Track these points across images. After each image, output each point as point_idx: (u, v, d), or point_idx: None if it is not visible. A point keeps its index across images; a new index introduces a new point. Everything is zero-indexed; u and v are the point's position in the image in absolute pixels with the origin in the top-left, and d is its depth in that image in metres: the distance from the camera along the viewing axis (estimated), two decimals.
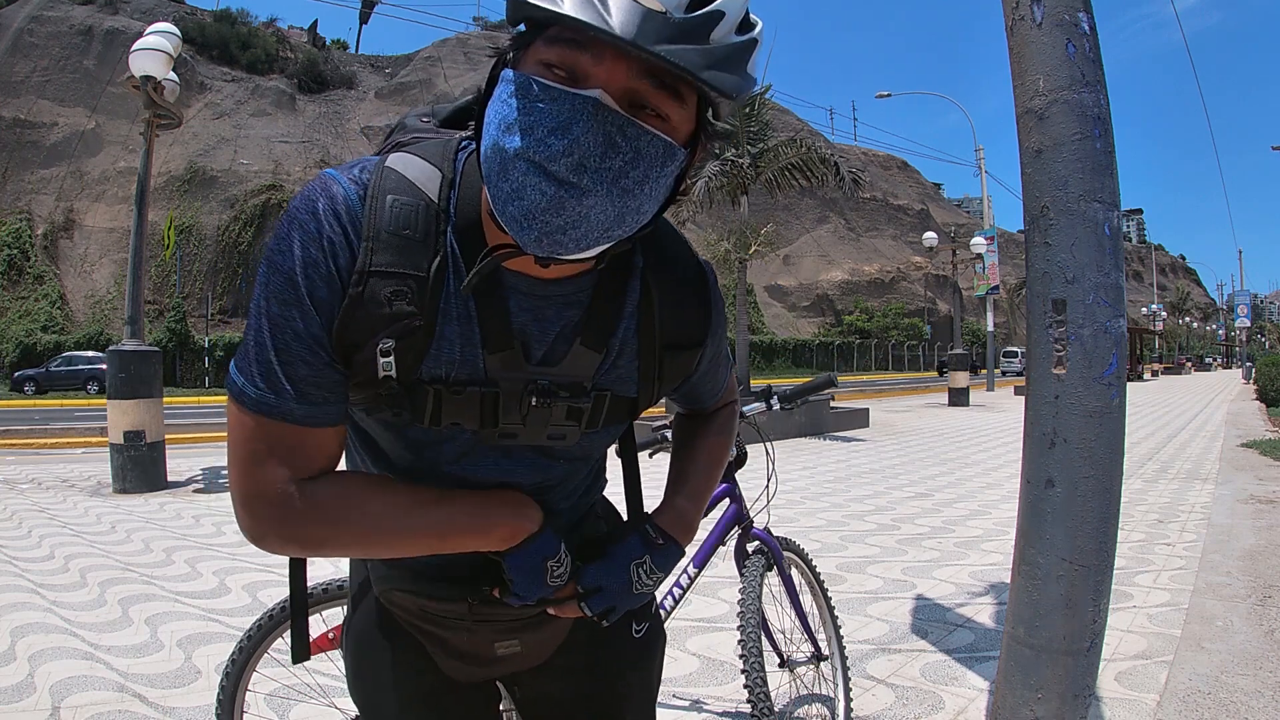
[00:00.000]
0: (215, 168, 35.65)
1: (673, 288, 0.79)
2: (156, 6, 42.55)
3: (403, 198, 0.68)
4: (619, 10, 0.55)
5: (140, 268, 6.05)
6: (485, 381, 0.71)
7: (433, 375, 0.69)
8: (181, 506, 5.30)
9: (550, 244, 0.60)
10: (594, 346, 0.74)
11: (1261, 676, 2.41)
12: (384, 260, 0.66)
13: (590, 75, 0.59)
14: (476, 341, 0.70)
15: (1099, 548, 1.39)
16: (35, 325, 28.32)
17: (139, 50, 5.94)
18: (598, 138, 0.58)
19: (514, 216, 0.60)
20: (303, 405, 0.66)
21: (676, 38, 0.56)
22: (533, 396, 0.72)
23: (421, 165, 0.70)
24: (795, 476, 6.56)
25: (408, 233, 0.67)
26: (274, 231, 0.67)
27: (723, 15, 0.58)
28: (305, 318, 0.65)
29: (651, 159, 0.61)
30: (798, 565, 2.02)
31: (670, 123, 0.61)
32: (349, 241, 0.66)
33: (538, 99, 0.59)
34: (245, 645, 1.47)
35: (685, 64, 0.57)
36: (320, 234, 0.65)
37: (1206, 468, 7.13)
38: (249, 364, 0.66)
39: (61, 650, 2.62)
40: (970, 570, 3.71)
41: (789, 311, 51.57)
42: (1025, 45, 1.44)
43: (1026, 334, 1.51)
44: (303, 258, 0.65)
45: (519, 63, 0.62)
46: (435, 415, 0.70)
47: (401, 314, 0.67)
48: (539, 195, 0.58)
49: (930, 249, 21.31)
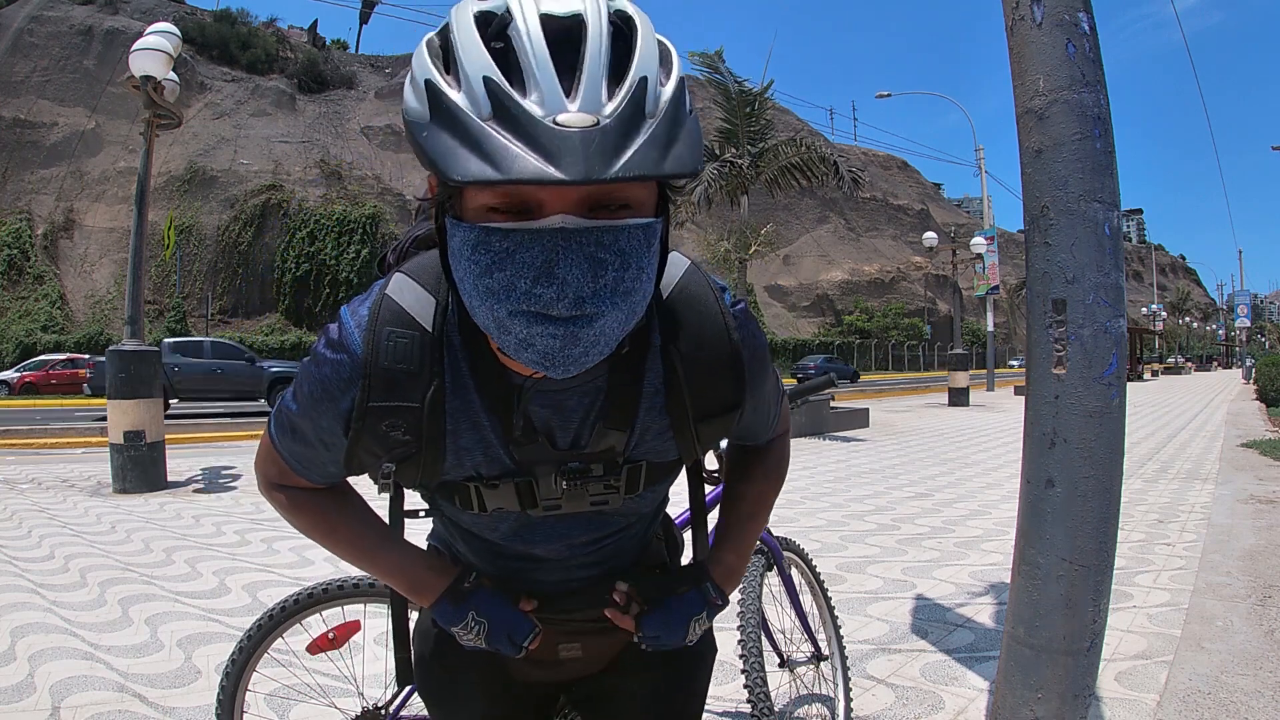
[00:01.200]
0: (215, 168, 35.66)
1: (698, 359, 0.76)
2: (156, 6, 42.54)
3: (398, 330, 0.71)
4: (558, 150, 0.51)
5: (140, 268, 6.05)
6: (518, 473, 0.76)
7: (465, 476, 0.76)
8: (181, 506, 5.29)
9: (577, 367, 0.60)
10: (618, 427, 0.75)
11: (1261, 676, 2.41)
12: (380, 395, 0.71)
13: (544, 203, 0.55)
14: (495, 442, 0.74)
15: (1099, 548, 1.39)
16: (35, 325, 28.32)
17: (139, 50, 5.93)
18: (583, 266, 0.55)
19: (531, 360, 0.60)
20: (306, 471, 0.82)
21: (621, 143, 0.52)
22: (564, 480, 0.75)
23: (417, 292, 0.72)
24: (795, 476, 6.56)
25: (402, 367, 0.71)
26: (309, 355, 0.77)
27: (644, 80, 0.55)
28: (319, 430, 0.76)
29: (637, 250, 0.58)
30: (798, 565, 2.02)
31: (637, 203, 0.58)
32: (352, 387, 0.72)
33: (503, 250, 0.55)
34: (245, 645, 1.47)
35: (645, 171, 0.53)
36: (329, 381, 0.73)
37: (1206, 468, 7.13)
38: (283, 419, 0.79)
39: (61, 650, 2.62)
40: (970, 570, 3.71)
41: (789, 311, 51.58)
42: (1025, 45, 1.44)
43: (1026, 334, 1.51)
44: (316, 395, 0.75)
45: (460, 209, 0.59)
46: (480, 504, 0.77)
47: (398, 443, 0.73)
48: (550, 340, 0.57)
49: (930, 249, 21.30)
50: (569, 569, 0.86)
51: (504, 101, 0.52)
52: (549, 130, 0.51)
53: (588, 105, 0.52)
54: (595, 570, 0.87)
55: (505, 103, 0.52)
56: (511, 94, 0.52)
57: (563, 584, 0.87)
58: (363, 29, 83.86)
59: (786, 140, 12.93)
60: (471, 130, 0.52)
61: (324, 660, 1.60)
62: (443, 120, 0.54)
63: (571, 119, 0.51)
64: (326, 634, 1.44)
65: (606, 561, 0.87)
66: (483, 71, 0.53)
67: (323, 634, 1.45)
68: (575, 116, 0.51)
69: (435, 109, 0.54)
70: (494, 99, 0.52)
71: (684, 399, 0.75)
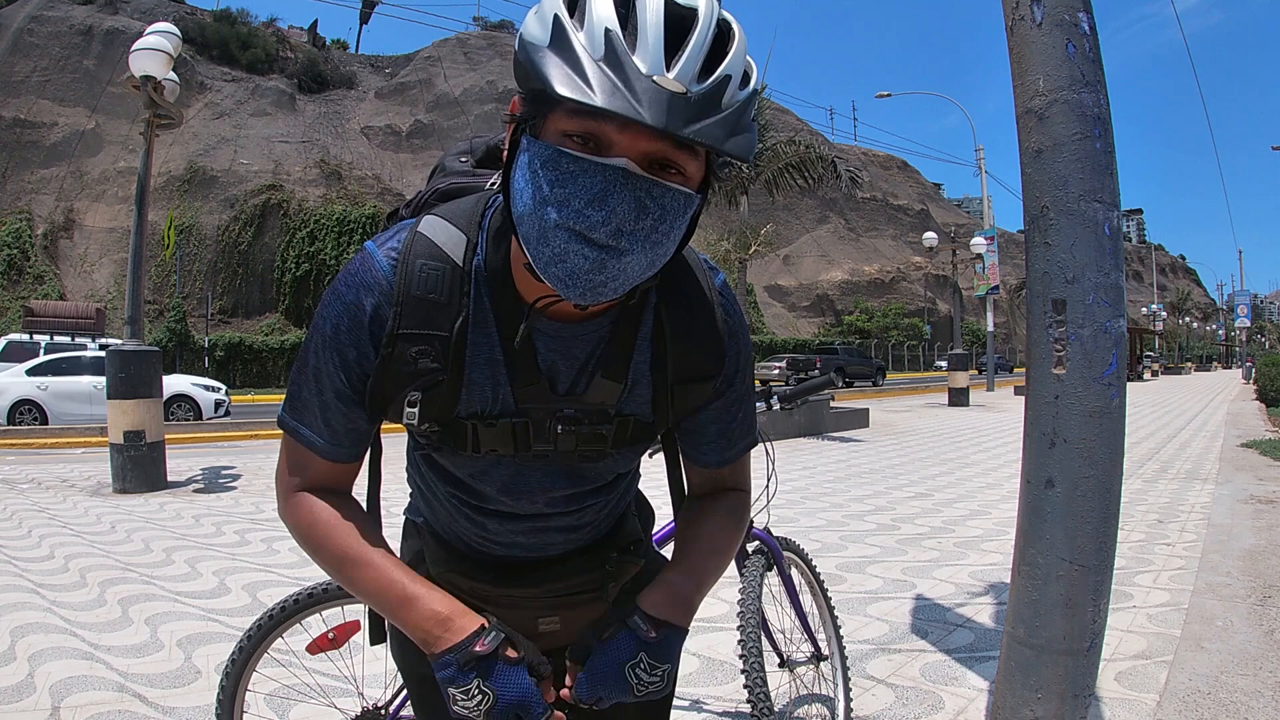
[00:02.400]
0: (215, 168, 35.66)
1: (683, 318, 0.83)
2: (156, 6, 42.55)
3: (430, 262, 0.76)
4: (648, 101, 0.59)
5: (140, 268, 6.05)
6: (516, 413, 0.79)
7: (470, 413, 0.78)
8: (181, 506, 5.29)
9: (593, 296, 0.66)
10: (614, 378, 0.80)
11: (1261, 676, 2.41)
12: (411, 323, 0.75)
13: (614, 143, 0.63)
14: (504, 381, 0.78)
15: (1099, 548, 1.39)
16: None
17: (139, 50, 5.93)
18: (630, 204, 0.63)
19: (558, 277, 0.66)
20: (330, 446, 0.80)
21: (698, 114, 0.61)
22: (559, 425, 0.79)
23: (449, 230, 0.78)
24: (795, 476, 6.56)
25: (433, 296, 0.75)
26: (322, 298, 0.78)
27: (729, 78, 0.64)
28: (339, 376, 0.76)
29: (676, 212, 0.66)
30: (798, 565, 2.02)
31: (687, 174, 0.66)
32: (379, 311, 0.75)
33: (569, 171, 0.63)
34: (245, 645, 1.47)
35: (711, 141, 0.62)
36: (355, 305, 0.75)
37: (1206, 468, 7.13)
38: (297, 404, 0.79)
39: (61, 650, 2.62)
40: (970, 570, 3.71)
41: (789, 311, 51.58)
42: (1025, 45, 1.44)
43: (1026, 334, 1.51)
44: (339, 325, 0.76)
45: (539, 130, 0.66)
46: (475, 444, 0.79)
47: (426, 370, 0.76)
48: (582, 260, 0.64)
49: (930, 249, 21.30)
50: (544, 531, 0.88)
51: (616, 50, 0.61)
52: (647, 83, 0.60)
53: (682, 77, 0.61)
54: (570, 536, 0.90)
55: (617, 52, 0.61)
56: (625, 46, 0.61)
57: (538, 547, 0.89)
58: (363, 29, 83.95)
59: (786, 140, 12.93)
60: (582, 64, 0.60)
61: (324, 660, 1.60)
62: (560, 49, 0.62)
63: (666, 82, 0.61)
64: (326, 634, 1.44)
65: (582, 528, 0.90)
66: (606, 23, 0.61)
67: (323, 634, 1.45)
68: (670, 82, 0.61)
69: (556, 39, 0.62)
70: (608, 46, 0.61)
71: (665, 356, 0.82)
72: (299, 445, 0.80)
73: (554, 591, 0.90)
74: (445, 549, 0.92)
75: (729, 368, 0.86)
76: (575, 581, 0.90)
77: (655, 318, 0.82)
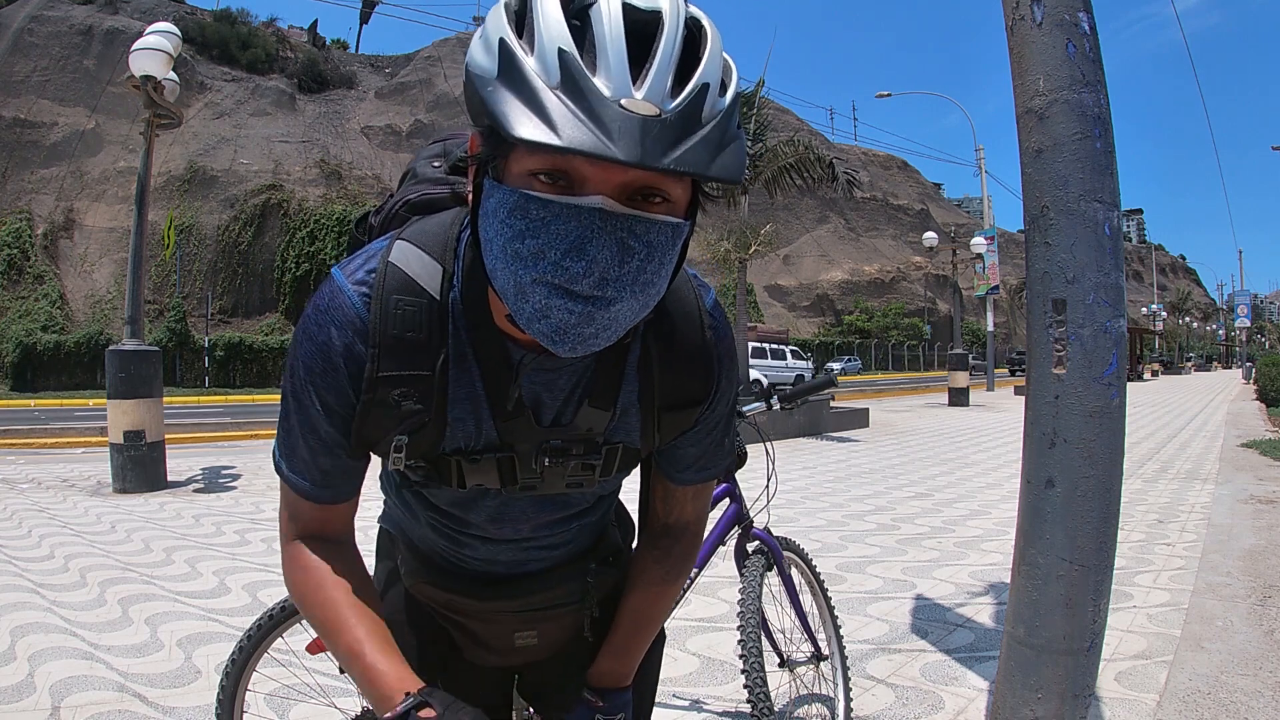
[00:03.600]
0: (215, 168, 35.65)
1: (673, 347, 0.78)
2: (156, 6, 42.53)
3: (406, 298, 0.70)
4: (618, 131, 0.52)
5: (140, 268, 6.05)
6: (500, 448, 0.75)
7: (453, 448, 0.75)
8: (181, 506, 5.29)
9: (584, 348, 0.61)
10: (602, 406, 0.76)
11: (1261, 676, 2.41)
12: (391, 365, 0.70)
13: (587, 179, 0.56)
14: (486, 415, 0.74)
15: (1099, 548, 1.39)
16: (35, 325, 28.29)
17: (139, 50, 5.93)
18: (612, 249, 0.56)
19: (543, 333, 0.60)
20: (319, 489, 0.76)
21: (676, 138, 0.54)
22: (545, 457, 0.76)
23: (422, 260, 0.72)
24: (795, 476, 6.56)
25: (411, 335, 0.70)
26: (295, 335, 0.73)
27: (707, 87, 0.57)
28: (322, 418, 0.72)
29: (664, 246, 0.60)
30: (797, 565, 2.02)
31: (672, 199, 0.60)
32: (354, 350, 0.70)
33: (539, 218, 0.56)
34: (245, 645, 1.47)
35: (696, 169, 0.55)
36: (327, 345, 0.70)
37: (1206, 468, 7.13)
38: (284, 447, 0.76)
39: (61, 650, 2.62)
40: (970, 570, 3.71)
41: (789, 311, 51.57)
42: (1025, 45, 1.44)
43: (1026, 334, 1.51)
44: (312, 367, 0.71)
45: (502, 171, 0.60)
46: (460, 480, 0.76)
47: (410, 412, 0.72)
48: (567, 314, 0.58)
49: (930, 249, 21.30)
50: (526, 549, 0.86)
51: (574, 75, 0.53)
52: (613, 110, 0.52)
53: (652, 96, 0.54)
54: (552, 554, 0.88)
55: (575, 76, 0.53)
56: (583, 69, 0.53)
57: (518, 564, 0.87)
58: (363, 29, 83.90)
59: (786, 140, 12.91)
60: (538, 95, 0.53)
61: (324, 660, 1.60)
62: (510, 80, 0.55)
63: (636, 105, 0.53)
64: None
65: (564, 545, 0.89)
66: (558, 43, 0.54)
67: None
68: (640, 104, 0.53)
69: (505, 68, 0.55)
70: (565, 70, 0.53)
71: (653, 383, 0.77)
72: (289, 489, 0.76)
73: (533, 605, 0.88)
74: (420, 560, 0.90)
75: (714, 392, 0.81)
76: (555, 593, 0.88)
77: (642, 344, 0.77)
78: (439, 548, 0.87)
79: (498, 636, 0.90)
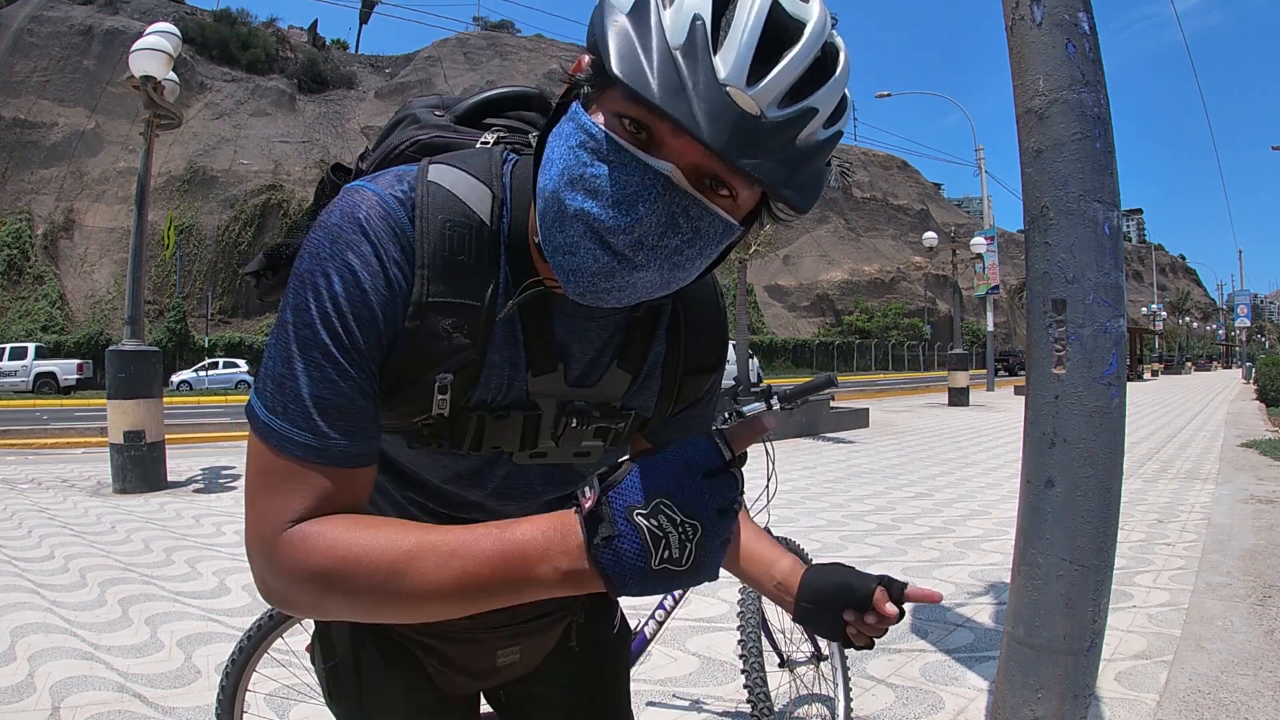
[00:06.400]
0: (215, 168, 35.67)
1: (697, 308, 0.77)
2: (156, 6, 42.55)
3: (454, 218, 0.63)
4: (712, 113, 0.51)
5: (140, 268, 6.04)
6: (528, 405, 0.69)
7: (480, 401, 0.67)
8: (181, 506, 5.29)
9: (592, 299, 0.59)
10: (629, 369, 0.73)
11: (1261, 676, 2.41)
12: (440, 290, 0.62)
13: (665, 144, 0.55)
14: (522, 365, 0.68)
15: (1099, 548, 1.39)
16: (35, 325, 28.32)
17: (139, 50, 5.93)
18: (660, 218, 0.55)
19: (562, 267, 0.58)
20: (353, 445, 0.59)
21: (763, 144, 0.53)
22: (571, 418, 0.71)
23: (470, 182, 0.66)
24: (795, 476, 6.56)
25: (462, 258, 0.63)
26: (307, 250, 0.60)
27: (815, 112, 0.55)
28: (348, 358, 0.58)
29: (709, 238, 0.58)
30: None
31: (737, 200, 0.57)
32: (402, 268, 0.61)
33: (608, 158, 0.55)
34: (245, 645, 1.47)
35: (768, 180, 0.54)
36: (376, 257, 0.59)
37: (1206, 467, 7.13)
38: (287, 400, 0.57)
39: (61, 650, 2.62)
40: (970, 570, 3.71)
41: (789, 311, 51.60)
42: (1025, 45, 1.44)
43: (1026, 334, 1.51)
44: (351, 283, 0.58)
45: (593, 101, 0.57)
46: (476, 441, 0.68)
47: (460, 347, 0.64)
48: (591, 260, 0.57)
49: (930, 249, 21.29)
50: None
51: (696, 44, 0.52)
52: (718, 93, 0.51)
53: (761, 97, 0.53)
54: None
55: (697, 46, 0.52)
56: (708, 43, 0.52)
57: None
58: (363, 29, 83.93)
59: None
60: (656, 48, 0.52)
61: None
62: (638, 23, 0.53)
63: (740, 98, 0.52)
64: None
65: None
66: (697, 9, 0.53)
67: None
68: (745, 98, 0.52)
69: (638, 9, 0.54)
70: (690, 37, 0.52)
71: (681, 345, 0.76)
72: (302, 462, 0.57)
73: (519, 617, 0.83)
74: None
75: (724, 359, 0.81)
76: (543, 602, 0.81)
77: (674, 308, 0.76)
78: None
79: (478, 658, 0.84)
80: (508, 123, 0.81)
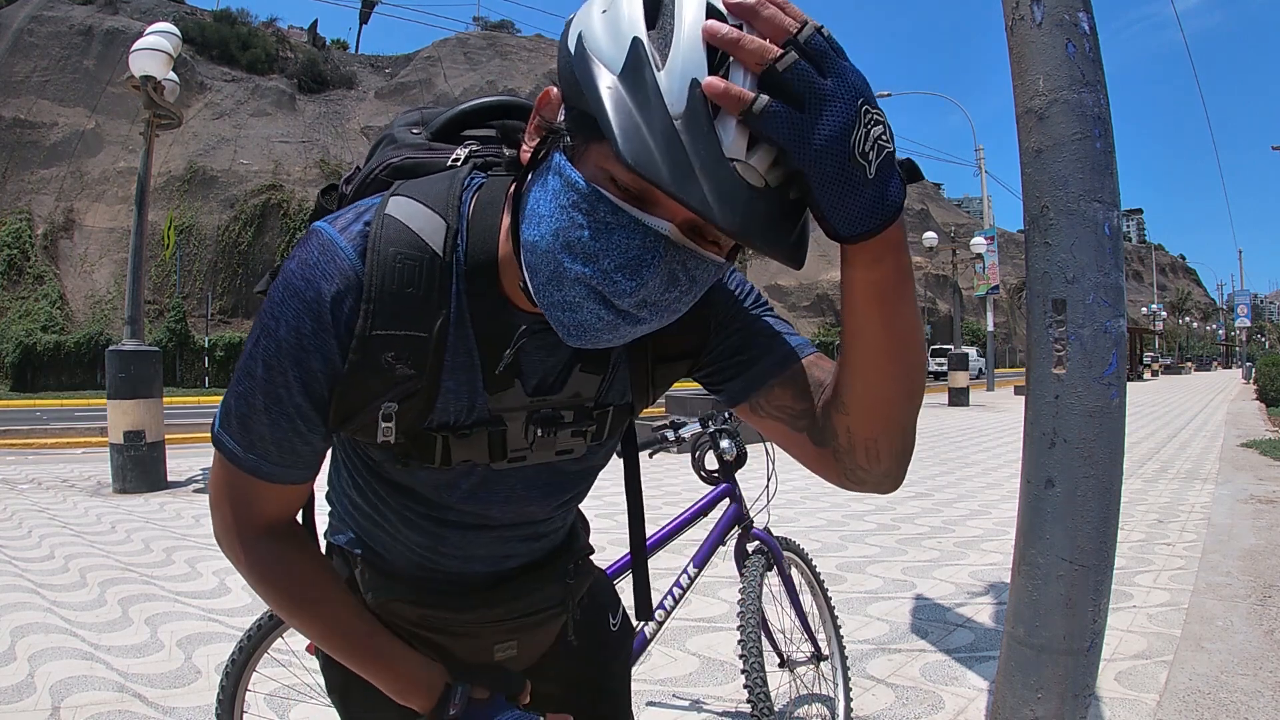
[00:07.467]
0: (215, 168, 35.66)
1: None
2: (156, 6, 42.54)
3: (405, 250, 0.65)
4: (724, 195, 0.49)
5: (140, 268, 6.05)
6: (492, 421, 0.71)
7: (441, 424, 0.70)
8: (181, 506, 5.29)
9: (592, 345, 0.59)
10: (594, 370, 0.73)
11: (1261, 676, 2.41)
12: (385, 322, 0.64)
13: (660, 203, 0.54)
14: (480, 387, 0.70)
15: (1099, 548, 1.39)
16: (35, 325, 28.30)
17: (139, 50, 5.93)
18: (664, 277, 0.55)
19: (563, 322, 0.58)
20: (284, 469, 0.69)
21: (767, 213, 0.51)
22: (538, 427, 0.72)
23: (424, 214, 0.67)
24: (795, 476, 6.53)
25: (410, 290, 0.65)
26: (269, 294, 0.65)
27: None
28: (299, 390, 0.65)
29: (704, 283, 0.59)
30: (797, 565, 2.02)
31: (721, 244, 0.58)
32: (346, 306, 0.64)
33: (604, 220, 0.54)
34: (245, 645, 1.47)
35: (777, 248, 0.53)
36: (317, 302, 0.63)
37: (1206, 467, 7.13)
38: (238, 424, 0.68)
39: (61, 650, 2.62)
40: (970, 570, 3.71)
41: (789, 311, 51.57)
42: (1025, 45, 1.44)
43: (1026, 334, 1.51)
44: (299, 328, 0.63)
45: (578, 155, 0.55)
46: (445, 457, 0.71)
47: (403, 378, 0.66)
48: (595, 319, 0.57)
49: (930, 249, 21.31)
50: (508, 543, 0.82)
51: (698, 114, 0.49)
52: (726, 169, 0.50)
53: (760, 163, 0.51)
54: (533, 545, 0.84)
55: (699, 116, 0.49)
56: (710, 112, 0.50)
57: (497, 560, 0.82)
58: (363, 29, 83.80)
59: None
60: (658, 120, 0.49)
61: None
62: (633, 86, 0.50)
63: (747, 171, 0.50)
64: None
65: (545, 536, 0.85)
66: (695, 73, 0.50)
67: None
68: (750, 170, 0.51)
69: (632, 70, 0.50)
70: (691, 106, 0.49)
71: (646, 339, 0.72)
72: (247, 476, 0.69)
73: (515, 612, 0.84)
74: (386, 574, 0.82)
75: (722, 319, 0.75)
76: (537, 597, 0.84)
77: None
78: (410, 549, 0.80)
79: (476, 652, 0.85)
80: (485, 133, 0.81)
